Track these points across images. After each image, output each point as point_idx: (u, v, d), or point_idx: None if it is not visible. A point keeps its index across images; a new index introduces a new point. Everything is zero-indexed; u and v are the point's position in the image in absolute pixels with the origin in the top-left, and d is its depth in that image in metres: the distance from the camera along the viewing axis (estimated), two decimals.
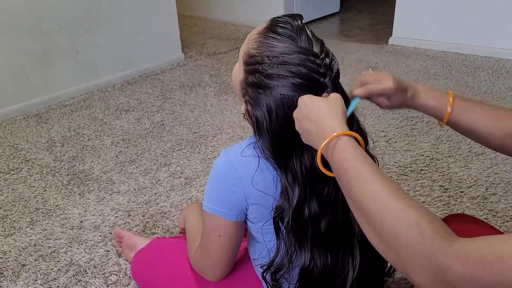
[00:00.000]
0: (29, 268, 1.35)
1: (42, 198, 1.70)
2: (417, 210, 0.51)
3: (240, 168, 0.75)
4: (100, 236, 1.47)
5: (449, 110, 0.75)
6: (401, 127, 2.11)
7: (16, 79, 2.43)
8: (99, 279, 1.29)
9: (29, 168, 1.92)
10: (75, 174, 1.85)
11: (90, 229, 1.51)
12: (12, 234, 1.51)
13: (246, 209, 0.78)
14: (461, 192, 1.59)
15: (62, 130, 2.27)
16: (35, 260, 1.38)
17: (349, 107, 0.70)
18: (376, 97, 0.78)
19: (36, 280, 1.30)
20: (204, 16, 4.69)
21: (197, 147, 2.04)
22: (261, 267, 0.81)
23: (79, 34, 2.65)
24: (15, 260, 1.38)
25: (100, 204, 1.64)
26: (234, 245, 0.83)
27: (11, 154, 2.05)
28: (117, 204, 1.64)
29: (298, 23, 0.71)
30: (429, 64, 2.97)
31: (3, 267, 1.36)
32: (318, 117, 0.64)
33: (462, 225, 0.93)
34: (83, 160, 1.96)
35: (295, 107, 0.68)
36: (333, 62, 0.71)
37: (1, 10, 2.28)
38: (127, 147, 2.07)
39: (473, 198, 1.55)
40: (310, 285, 0.80)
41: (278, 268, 0.78)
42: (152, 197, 1.67)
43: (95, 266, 1.34)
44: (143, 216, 1.56)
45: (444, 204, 1.53)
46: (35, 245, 1.45)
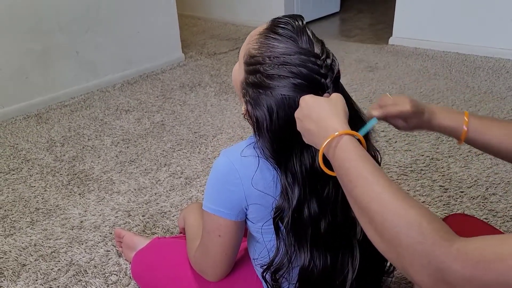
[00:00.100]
0: (29, 268, 1.35)
1: (42, 198, 1.70)
2: (418, 210, 0.51)
3: (240, 168, 0.75)
4: (100, 236, 1.47)
5: (465, 129, 0.77)
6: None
7: (16, 79, 2.44)
8: (99, 279, 1.29)
9: (29, 168, 1.92)
10: (75, 174, 1.86)
11: (90, 229, 1.51)
12: (12, 234, 1.51)
13: (246, 209, 0.78)
14: (461, 192, 1.59)
15: (62, 130, 2.28)
16: (35, 260, 1.38)
17: (365, 127, 0.72)
18: (394, 119, 0.81)
19: (36, 280, 1.30)
20: (204, 16, 4.69)
21: (197, 147, 2.04)
22: (261, 267, 0.81)
23: (79, 34, 2.65)
24: (15, 260, 1.38)
25: (100, 204, 1.64)
26: (234, 245, 0.83)
27: (11, 154, 2.05)
28: (117, 204, 1.64)
29: (299, 24, 0.71)
30: (429, 64, 2.97)
31: (3, 267, 1.36)
32: (320, 117, 0.64)
33: (462, 225, 0.93)
34: (83, 160, 1.97)
35: (296, 108, 0.68)
36: (334, 63, 0.71)
37: (1, 10, 2.28)
38: (127, 147, 2.07)
39: (473, 198, 1.55)
40: (310, 285, 0.80)
41: (278, 268, 0.78)
42: (152, 197, 1.67)
43: (95, 266, 1.34)
44: (143, 216, 1.56)
45: (444, 204, 1.53)
46: (35, 245, 1.45)
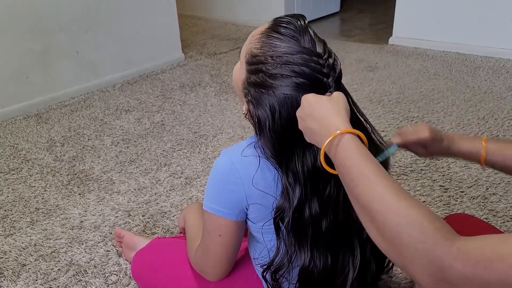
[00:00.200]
0: (29, 268, 1.35)
1: (42, 198, 1.70)
2: (419, 209, 0.51)
3: (241, 168, 0.75)
4: (100, 236, 1.47)
5: (484, 154, 0.82)
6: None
7: (16, 79, 2.44)
8: (99, 279, 1.29)
9: (29, 168, 1.92)
10: (75, 174, 1.85)
11: (90, 229, 1.51)
12: (12, 234, 1.51)
13: (247, 209, 0.78)
14: (461, 192, 1.59)
15: (62, 130, 2.28)
16: (35, 260, 1.38)
17: (385, 152, 0.73)
18: (414, 146, 0.87)
19: (36, 280, 1.30)
20: (205, 16, 4.69)
21: (198, 147, 2.04)
22: (261, 267, 0.81)
23: (79, 34, 2.65)
24: (15, 260, 1.38)
25: (100, 204, 1.64)
26: (235, 245, 0.83)
27: (11, 154, 2.05)
28: (117, 204, 1.64)
29: (301, 24, 0.71)
30: (429, 64, 2.97)
31: (3, 267, 1.36)
32: (322, 116, 0.64)
33: (463, 225, 0.94)
34: (83, 160, 1.97)
35: (298, 107, 0.68)
36: (336, 62, 0.71)
37: (1, 10, 2.28)
38: (127, 147, 2.07)
39: (473, 198, 1.55)
40: (310, 285, 0.80)
41: (278, 268, 0.78)
42: (152, 197, 1.67)
43: (95, 266, 1.34)
44: (143, 216, 1.56)
45: (445, 204, 1.53)
46: (35, 245, 1.45)
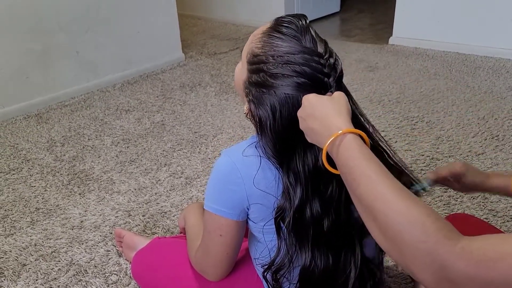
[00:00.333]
0: (30, 268, 1.35)
1: (43, 198, 1.70)
2: (422, 209, 0.51)
3: (242, 168, 0.75)
4: (101, 236, 1.47)
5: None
6: (402, 127, 2.11)
7: (16, 79, 2.44)
8: (100, 279, 1.29)
9: (30, 168, 1.92)
10: (76, 174, 1.86)
11: (91, 229, 1.51)
12: (13, 234, 1.51)
13: (248, 209, 0.78)
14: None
15: (63, 130, 2.28)
16: (36, 260, 1.38)
17: (416, 186, 0.75)
18: (448, 181, 0.95)
19: (37, 280, 1.30)
20: (205, 16, 4.69)
21: (198, 147, 2.04)
22: (262, 267, 0.81)
23: (79, 34, 2.65)
24: (16, 260, 1.38)
25: (101, 204, 1.64)
26: (235, 245, 0.83)
27: (12, 154, 2.05)
28: (118, 204, 1.64)
29: (303, 23, 0.71)
30: (430, 64, 2.97)
31: (4, 267, 1.36)
32: (323, 115, 0.64)
33: (463, 225, 0.94)
34: (84, 160, 1.97)
35: (299, 107, 0.68)
36: (337, 62, 0.71)
37: (1, 10, 2.28)
38: (128, 147, 2.07)
39: (474, 198, 1.55)
40: (311, 285, 0.80)
41: (279, 268, 0.78)
42: (153, 197, 1.67)
43: (96, 266, 1.34)
44: (144, 216, 1.56)
45: (445, 204, 1.53)
46: (36, 245, 1.45)
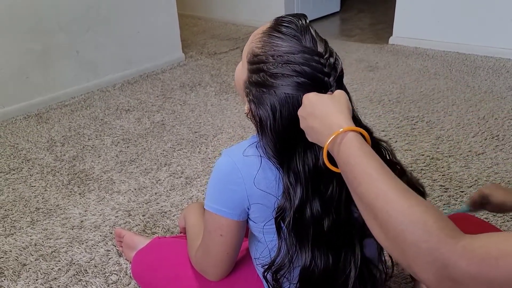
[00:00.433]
0: (30, 268, 1.35)
1: (43, 198, 1.70)
2: (423, 207, 0.51)
3: (242, 168, 0.75)
4: (101, 236, 1.47)
5: None
6: (402, 127, 2.11)
7: (16, 79, 2.44)
8: (100, 279, 1.29)
9: (30, 168, 1.92)
10: (76, 174, 1.85)
11: (91, 229, 1.51)
12: (13, 234, 1.51)
13: (248, 209, 0.78)
14: (462, 192, 1.59)
15: (63, 130, 2.28)
16: (36, 260, 1.38)
17: (454, 208, 0.77)
18: (482, 204, 1.02)
19: (37, 280, 1.30)
20: (205, 16, 4.69)
21: (198, 147, 2.04)
22: (262, 267, 0.81)
23: (80, 34, 2.65)
24: (16, 260, 1.38)
25: (101, 204, 1.64)
26: (236, 245, 0.83)
27: (12, 154, 2.05)
28: (118, 204, 1.64)
29: (303, 23, 0.71)
30: (430, 64, 2.97)
31: (4, 267, 1.36)
32: (324, 114, 0.64)
33: (463, 225, 0.93)
34: (84, 160, 1.97)
35: (299, 106, 0.68)
36: (337, 62, 0.71)
37: (1, 10, 2.28)
38: (128, 147, 2.07)
39: None
40: (311, 285, 0.79)
41: (279, 268, 0.78)
42: (153, 197, 1.67)
43: (96, 266, 1.34)
44: (144, 216, 1.56)
45: (445, 204, 1.53)
46: (36, 245, 1.45)
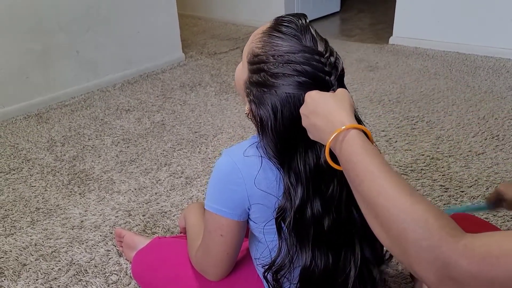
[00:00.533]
0: (30, 268, 1.35)
1: (43, 198, 1.70)
2: (425, 206, 0.51)
3: (243, 168, 0.75)
4: (101, 236, 1.47)
5: None
6: (402, 127, 2.11)
7: (16, 79, 2.43)
8: (100, 279, 1.29)
9: (30, 168, 1.92)
10: (76, 174, 1.85)
11: (91, 229, 1.51)
12: (13, 234, 1.51)
13: (249, 209, 0.78)
14: (462, 192, 1.59)
15: (63, 130, 2.28)
16: (36, 260, 1.38)
17: (471, 206, 0.79)
18: (500, 202, 1.01)
19: (37, 280, 1.30)
20: (205, 16, 4.69)
21: (198, 147, 2.04)
22: (263, 267, 0.81)
23: (80, 34, 2.65)
24: (16, 260, 1.38)
25: (101, 204, 1.64)
26: (236, 245, 0.83)
27: (12, 154, 2.05)
28: (118, 204, 1.64)
29: (303, 22, 0.71)
30: (430, 64, 2.97)
31: (4, 267, 1.36)
32: (326, 111, 0.64)
33: (463, 225, 0.94)
34: (84, 160, 1.97)
35: (301, 106, 0.68)
36: (338, 61, 0.71)
37: (1, 10, 2.28)
38: (128, 147, 2.07)
39: (474, 198, 1.55)
40: (311, 285, 0.80)
41: (280, 268, 0.78)
42: (153, 197, 1.67)
43: (96, 266, 1.34)
44: (144, 216, 1.56)
45: (445, 204, 1.53)
46: (36, 245, 1.45)
